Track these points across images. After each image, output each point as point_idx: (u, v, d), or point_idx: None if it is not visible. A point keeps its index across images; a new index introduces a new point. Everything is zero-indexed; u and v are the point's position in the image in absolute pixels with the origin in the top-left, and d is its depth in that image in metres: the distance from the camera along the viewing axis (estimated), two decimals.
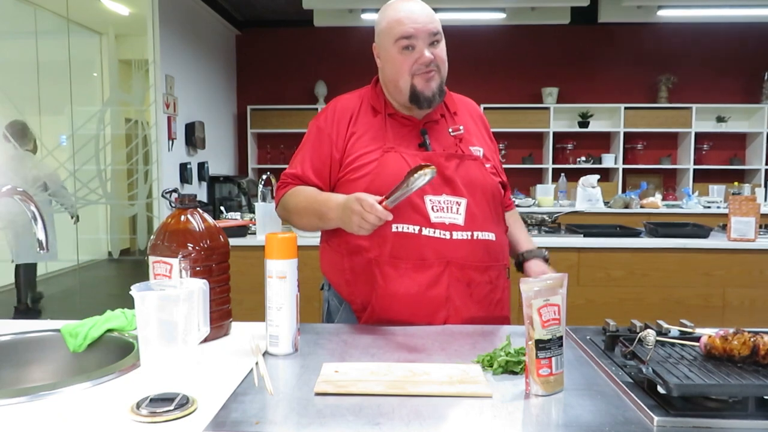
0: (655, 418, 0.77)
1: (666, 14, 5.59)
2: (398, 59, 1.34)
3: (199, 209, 1.18)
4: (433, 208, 1.30)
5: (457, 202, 1.32)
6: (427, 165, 1.15)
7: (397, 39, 1.32)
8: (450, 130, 1.41)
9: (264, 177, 3.32)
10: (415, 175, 1.14)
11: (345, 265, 1.37)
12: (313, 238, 2.92)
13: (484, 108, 6.06)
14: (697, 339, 0.96)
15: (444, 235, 1.29)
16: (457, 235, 1.30)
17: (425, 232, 1.29)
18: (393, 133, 1.38)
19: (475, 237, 1.32)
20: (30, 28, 5.71)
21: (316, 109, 6.91)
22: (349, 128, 1.39)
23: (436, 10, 1.42)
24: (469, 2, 5.38)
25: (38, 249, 1.12)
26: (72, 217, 5.09)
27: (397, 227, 1.29)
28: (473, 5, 5.44)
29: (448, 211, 1.31)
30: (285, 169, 1.49)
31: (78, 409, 0.81)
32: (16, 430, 0.75)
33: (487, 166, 1.40)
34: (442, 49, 1.36)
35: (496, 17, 5.64)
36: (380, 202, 1.17)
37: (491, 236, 1.34)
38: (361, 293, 1.34)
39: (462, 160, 1.36)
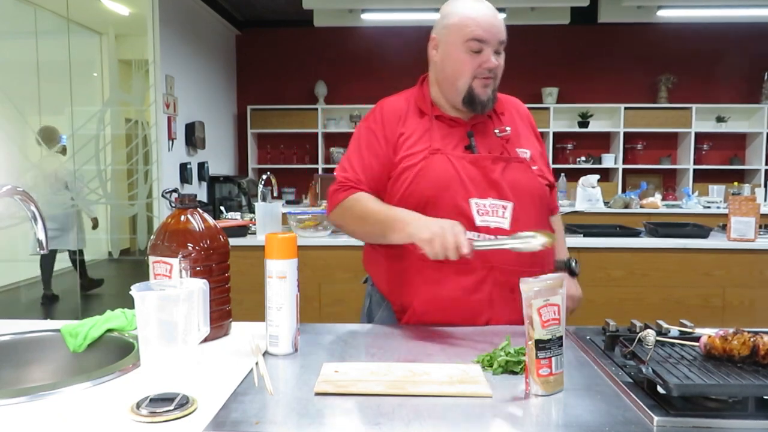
0: (655, 418, 0.77)
1: (666, 14, 5.59)
2: (463, 59, 1.32)
3: (199, 209, 1.18)
4: (478, 212, 1.29)
5: (503, 206, 1.30)
6: (547, 234, 1.12)
7: (468, 39, 1.30)
8: (497, 131, 1.39)
9: (264, 177, 3.32)
10: (523, 235, 1.11)
11: (387, 265, 1.37)
12: (313, 239, 2.93)
13: None
14: (697, 339, 0.96)
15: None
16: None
17: (470, 236, 1.26)
18: (440, 134, 1.36)
19: None
20: (30, 28, 5.71)
21: (316, 109, 6.92)
22: (398, 129, 1.37)
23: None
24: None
25: (38, 249, 1.12)
26: (90, 219, 5.44)
27: None
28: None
29: (493, 215, 1.30)
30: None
31: (78, 409, 0.81)
32: (16, 430, 0.75)
33: (534, 168, 1.38)
34: (503, 57, 1.35)
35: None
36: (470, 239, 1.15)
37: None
38: (402, 294, 1.34)
39: (509, 162, 1.34)
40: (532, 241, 1.11)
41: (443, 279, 1.28)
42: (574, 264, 1.46)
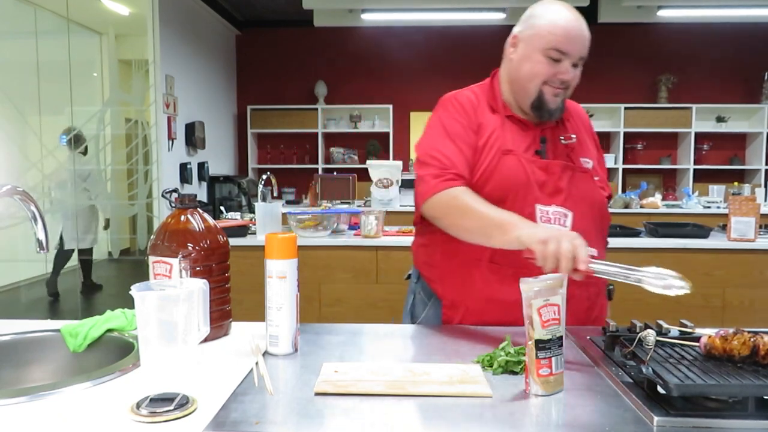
0: (655, 418, 0.77)
1: (666, 14, 5.60)
2: (541, 65, 1.29)
3: (199, 209, 1.18)
4: (541, 218, 1.27)
5: (564, 215, 1.29)
6: (683, 280, 0.95)
7: (550, 47, 1.27)
8: (562, 138, 1.37)
9: (264, 177, 3.32)
10: (658, 271, 0.95)
11: (441, 262, 1.36)
12: (313, 239, 2.93)
13: None
14: (697, 339, 0.96)
15: None
16: None
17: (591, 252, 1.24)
18: (510, 135, 1.34)
19: None
20: (30, 28, 5.71)
21: (316, 109, 6.92)
22: (476, 120, 1.34)
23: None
24: (470, 3, 5.39)
25: (38, 249, 1.12)
26: (104, 219, 5.59)
27: None
28: (474, 5, 5.44)
29: (555, 222, 1.28)
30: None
31: (78, 409, 0.81)
32: (16, 430, 0.75)
33: (596, 179, 1.37)
34: (579, 70, 1.33)
35: (496, 17, 5.64)
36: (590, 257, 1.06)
37: (594, 252, 1.28)
38: (455, 292, 1.33)
39: (574, 172, 1.33)
40: (671, 282, 0.93)
41: (500, 282, 1.27)
42: (611, 289, 1.41)
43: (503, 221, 1.17)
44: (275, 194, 3.70)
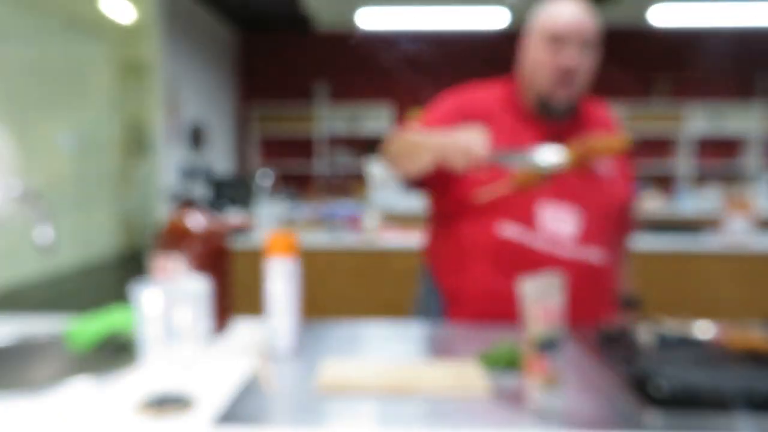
0: (651, 417, 0.77)
1: (660, 18, 5.60)
2: (540, 57, 1.28)
3: (199, 209, 1.19)
4: (545, 215, 1.26)
5: (569, 214, 1.27)
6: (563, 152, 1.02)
7: (546, 36, 1.26)
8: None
9: (265, 177, 3.33)
10: (531, 153, 1.00)
11: (442, 253, 1.36)
12: (314, 238, 2.93)
13: None
14: (694, 339, 0.97)
15: (554, 247, 1.24)
16: (565, 250, 1.25)
17: (533, 241, 1.24)
18: (524, 134, 1.31)
19: (580, 254, 1.26)
20: (32, 30, 5.72)
21: (317, 109, 6.93)
22: (479, 119, 1.30)
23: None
24: (470, 3, 5.40)
25: (42, 249, 1.13)
26: None
27: (503, 227, 1.25)
28: (473, 6, 5.45)
29: (559, 221, 1.26)
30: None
31: (78, 408, 0.82)
32: (16, 429, 0.76)
33: (610, 184, 1.34)
34: (589, 61, 1.28)
35: (499, 20, 5.65)
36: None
37: (597, 256, 1.28)
38: (455, 284, 1.32)
39: (585, 173, 1.30)
40: (552, 154, 0.99)
41: (502, 278, 1.25)
42: (632, 298, 1.42)
43: (425, 136, 1.17)
44: (276, 194, 3.71)
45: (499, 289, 1.27)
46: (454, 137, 1.06)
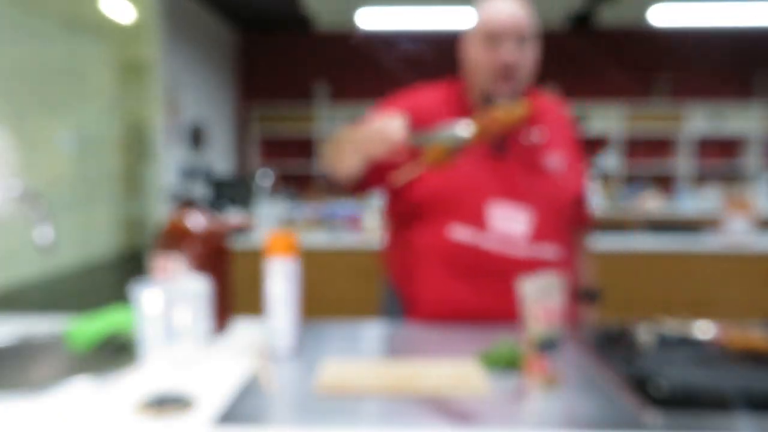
0: (651, 417, 0.77)
1: (661, 18, 5.60)
2: (478, 56, 1.28)
3: (199, 209, 1.19)
4: (496, 216, 1.26)
5: (520, 213, 1.27)
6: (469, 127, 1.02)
7: (482, 34, 1.27)
8: (528, 137, 1.33)
9: (265, 177, 3.33)
10: (442, 129, 1.01)
11: (398, 259, 1.37)
12: (314, 238, 2.93)
13: None
14: (694, 339, 0.97)
15: (506, 248, 1.24)
16: (518, 249, 1.24)
17: (486, 242, 1.24)
18: None
19: (534, 252, 1.26)
20: (32, 30, 5.72)
21: (316, 110, 6.93)
22: (424, 120, 1.30)
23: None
24: (470, 3, 5.39)
25: (42, 249, 1.13)
26: None
27: (455, 229, 1.25)
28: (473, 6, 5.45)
29: (510, 220, 1.26)
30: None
31: (79, 408, 0.82)
32: (16, 430, 0.76)
33: (561, 179, 1.33)
34: (528, 55, 1.28)
35: None
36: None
37: (551, 252, 1.28)
38: (413, 291, 1.32)
39: (534, 170, 1.30)
40: (464, 133, 1.01)
41: (453, 282, 1.26)
42: (592, 291, 1.41)
43: (348, 133, 1.15)
44: (276, 194, 3.71)
45: (455, 293, 1.26)
46: (370, 126, 1.06)
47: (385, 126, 1.07)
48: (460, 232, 1.26)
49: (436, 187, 1.28)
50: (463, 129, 1.02)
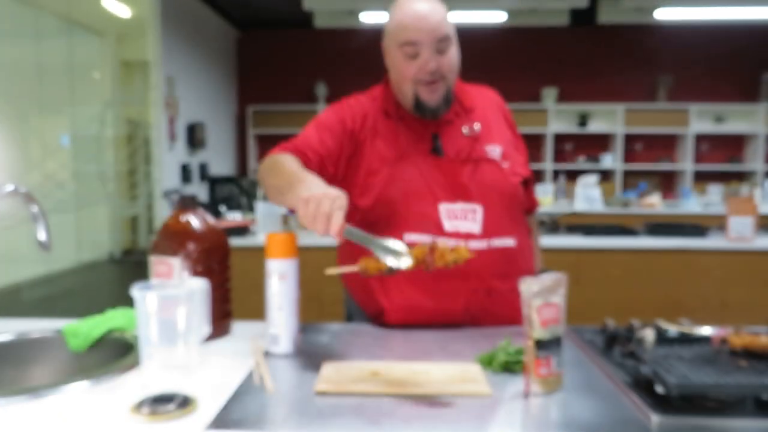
0: (654, 418, 0.77)
1: (664, 15, 5.60)
2: (402, 66, 1.26)
3: (199, 209, 1.18)
4: (448, 217, 1.25)
5: (472, 210, 1.26)
6: (407, 255, 0.97)
7: (401, 44, 1.25)
8: (465, 129, 1.32)
9: None
10: (384, 243, 0.97)
11: (357, 273, 1.35)
12: (314, 238, 2.93)
13: None
14: (697, 339, 0.96)
15: (459, 244, 1.22)
16: (474, 244, 1.23)
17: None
18: (405, 137, 1.31)
19: (492, 245, 1.25)
20: (31, 29, 5.72)
21: (316, 109, 6.92)
22: (363, 129, 1.32)
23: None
24: (471, 4, 5.39)
25: (40, 249, 1.12)
26: None
27: (409, 236, 1.23)
28: (474, 6, 5.45)
29: (463, 219, 1.25)
30: None
31: (78, 409, 0.82)
32: (16, 429, 0.76)
33: (505, 166, 1.32)
34: (451, 55, 1.26)
35: (497, 18, 5.64)
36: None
37: (510, 242, 1.28)
38: (375, 302, 1.30)
39: (477, 163, 1.30)
40: (400, 260, 0.96)
41: (416, 287, 1.24)
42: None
43: (298, 180, 1.07)
44: None
45: (417, 300, 1.25)
46: (317, 200, 0.96)
47: (332, 209, 0.96)
48: (416, 240, 1.23)
49: (386, 198, 1.26)
50: (402, 258, 0.96)
